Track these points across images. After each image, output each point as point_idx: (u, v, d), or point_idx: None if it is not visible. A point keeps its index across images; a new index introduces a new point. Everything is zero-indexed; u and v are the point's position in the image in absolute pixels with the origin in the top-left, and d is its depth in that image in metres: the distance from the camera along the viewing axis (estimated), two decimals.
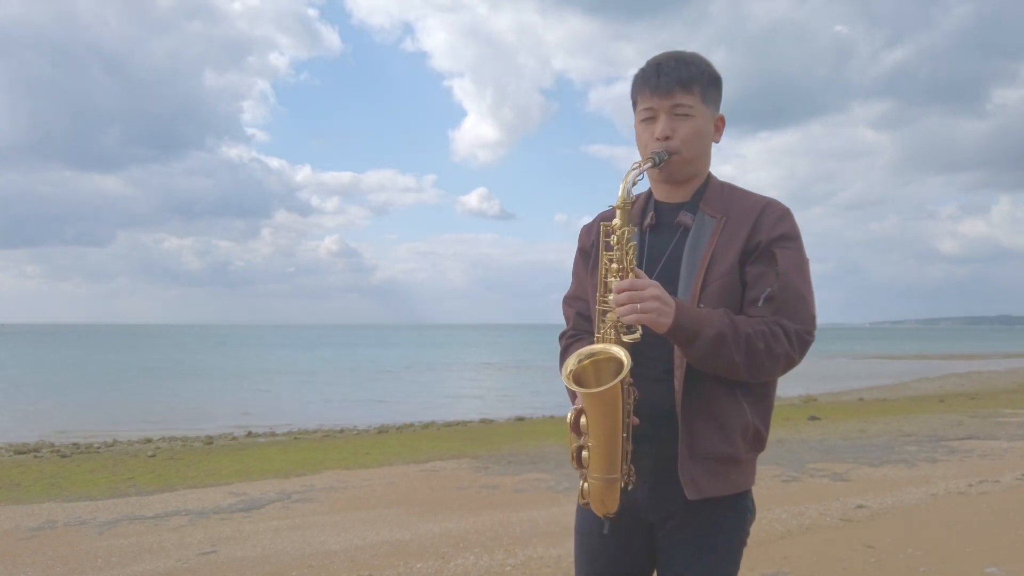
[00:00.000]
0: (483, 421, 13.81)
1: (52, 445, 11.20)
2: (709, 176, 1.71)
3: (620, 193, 1.54)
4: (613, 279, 1.52)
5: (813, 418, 11.84)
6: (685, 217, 1.66)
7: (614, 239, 1.53)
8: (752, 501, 1.68)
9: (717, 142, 1.71)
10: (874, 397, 17.74)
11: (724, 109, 1.73)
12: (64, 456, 9.57)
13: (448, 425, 13.36)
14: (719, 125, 1.71)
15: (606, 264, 1.56)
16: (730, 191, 1.69)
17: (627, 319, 1.45)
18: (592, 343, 1.71)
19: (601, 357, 1.50)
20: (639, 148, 1.71)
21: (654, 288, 1.45)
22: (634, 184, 1.57)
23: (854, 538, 4.77)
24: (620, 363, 1.45)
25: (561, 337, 1.85)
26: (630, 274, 1.50)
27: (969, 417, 11.74)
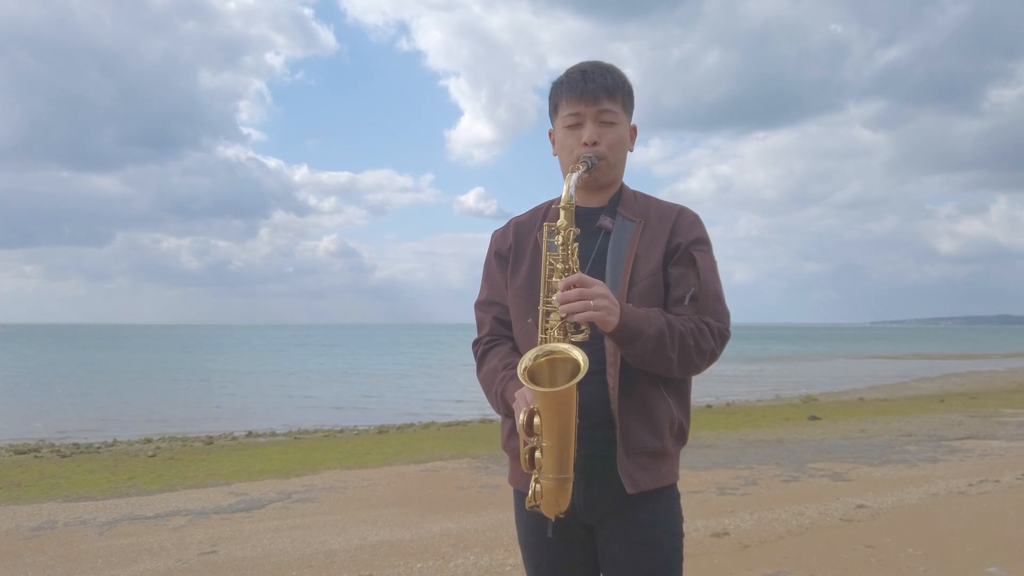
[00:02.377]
0: (483, 421, 13.81)
1: (52, 445, 11.20)
2: (623, 184, 1.79)
3: (564, 194, 1.57)
4: (558, 279, 1.53)
5: (813, 418, 11.85)
6: (605, 221, 1.71)
7: (559, 239, 1.55)
8: (677, 489, 1.73)
9: (631, 151, 1.78)
10: (874, 397, 17.74)
11: (721, 109, 1.76)
12: (64, 456, 9.58)
13: (448, 425, 13.36)
14: (633, 135, 1.78)
15: (551, 264, 1.57)
16: (644, 198, 1.78)
17: (579, 317, 1.46)
18: (511, 348, 1.75)
19: (558, 357, 1.50)
20: (561, 153, 1.74)
21: (601, 287, 1.49)
22: (575, 187, 1.61)
23: (854, 538, 4.77)
24: (576, 363, 1.45)
25: (475, 344, 1.84)
26: (576, 275, 1.53)
27: (969, 417, 11.75)
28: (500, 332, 1.80)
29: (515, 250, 1.77)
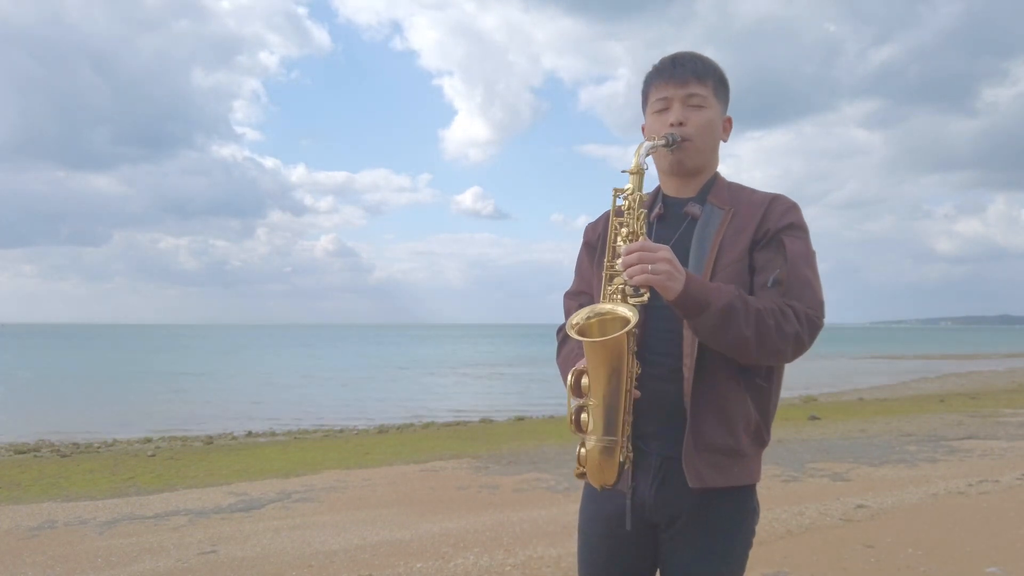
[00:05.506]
0: (483, 421, 13.81)
1: (52, 445, 11.20)
2: (717, 173, 1.74)
3: (634, 159, 1.54)
4: (623, 243, 1.51)
5: (813, 418, 11.84)
6: (693, 208, 1.67)
7: (625, 204, 1.53)
8: (756, 501, 1.68)
9: (725, 141, 1.74)
10: (874, 397, 17.74)
11: None
12: (64, 456, 9.57)
13: (448, 425, 13.36)
14: (727, 125, 1.74)
15: (616, 228, 1.55)
16: (738, 188, 1.71)
17: (637, 279, 1.42)
18: None
19: (608, 316, 1.48)
20: (648, 138, 1.70)
21: (666, 251, 1.44)
22: (647, 155, 1.57)
23: (854, 538, 4.78)
24: (626, 320, 1.43)
25: (559, 331, 1.83)
26: (641, 238, 1.50)
27: (969, 417, 11.75)
28: None
29: (603, 237, 1.75)
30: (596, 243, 1.78)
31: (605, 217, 1.79)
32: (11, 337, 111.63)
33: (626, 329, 1.41)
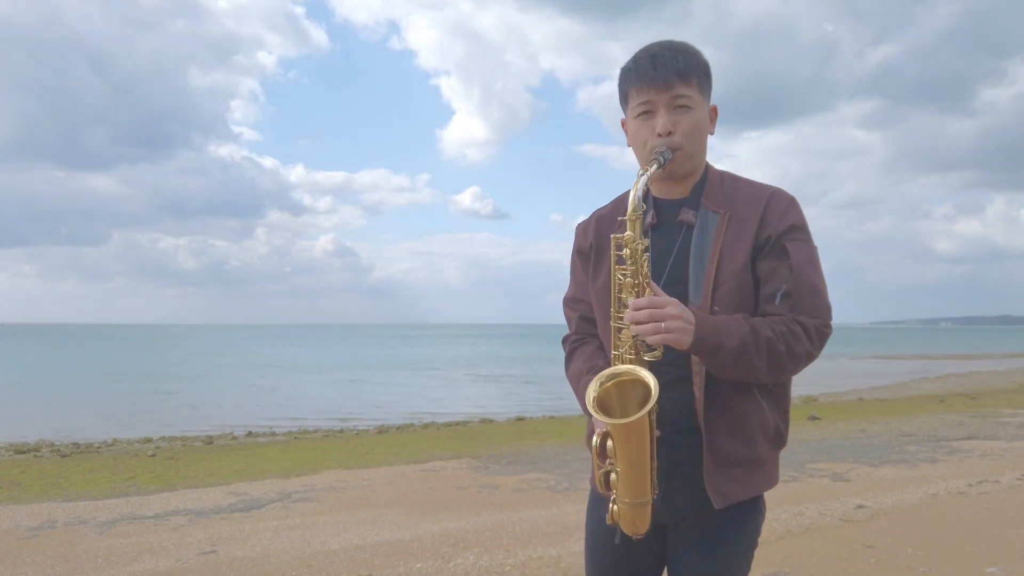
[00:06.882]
0: (483, 421, 13.81)
1: (52, 445, 11.21)
2: (707, 168, 1.66)
3: (631, 203, 1.46)
4: (628, 295, 1.46)
5: (813, 418, 11.84)
6: (687, 215, 1.60)
7: (626, 252, 1.46)
8: (763, 502, 1.67)
9: (712, 133, 1.65)
10: (874, 397, 17.74)
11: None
12: (64, 456, 9.58)
13: (448, 425, 13.36)
14: (713, 116, 1.65)
15: (619, 279, 1.49)
16: (731, 182, 1.64)
17: (651, 339, 1.40)
18: (596, 346, 1.70)
19: (626, 379, 1.45)
20: (634, 145, 1.64)
21: (674, 306, 1.41)
22: (644, 193, 1.50)
23: (854, 538, 4.78)
24: (646, 387, 1.39)
25: (564, 341, 1.81)
26: (646, 290, 1.45)
27: (969, 417, 11.74)
28: (586, 330, 1.76)
29: (596, 248, 1.69)
30: (588, 252, 1.72)
31: (595, 220, 1.74)
32: (11, 337, 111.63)
33: (647, 409, 1.38)
